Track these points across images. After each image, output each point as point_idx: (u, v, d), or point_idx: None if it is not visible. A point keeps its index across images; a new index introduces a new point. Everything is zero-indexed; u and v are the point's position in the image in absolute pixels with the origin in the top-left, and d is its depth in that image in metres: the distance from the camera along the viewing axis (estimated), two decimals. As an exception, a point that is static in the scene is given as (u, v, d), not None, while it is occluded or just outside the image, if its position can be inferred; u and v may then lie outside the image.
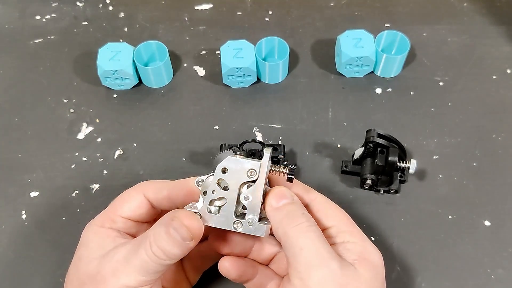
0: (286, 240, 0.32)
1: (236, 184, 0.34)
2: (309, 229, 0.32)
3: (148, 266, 0.31)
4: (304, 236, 0.32)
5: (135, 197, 0.36)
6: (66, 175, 0.47)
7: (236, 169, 0.33)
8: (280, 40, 0.52)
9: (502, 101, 0.51)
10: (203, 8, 0.60)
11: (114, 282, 0.31)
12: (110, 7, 0.60)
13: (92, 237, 0.35)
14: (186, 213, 0.32)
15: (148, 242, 0.31)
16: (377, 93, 0.52)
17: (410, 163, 0.43)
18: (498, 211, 0.44)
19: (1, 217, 0.45)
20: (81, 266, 0.33)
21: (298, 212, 0.33)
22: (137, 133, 0.50)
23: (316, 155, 0.48)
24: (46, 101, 0.52)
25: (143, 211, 0.36)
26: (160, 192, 0.36)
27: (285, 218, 0.33)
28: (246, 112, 0.51)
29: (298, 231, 0.32)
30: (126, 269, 0.31)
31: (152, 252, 0.31)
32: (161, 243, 0.31)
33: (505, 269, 0.41)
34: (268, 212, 0.34)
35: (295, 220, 0.33)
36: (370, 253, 0.34)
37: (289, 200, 0.34)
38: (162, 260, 0.31)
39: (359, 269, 0.32)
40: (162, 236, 0.31)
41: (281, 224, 0.33)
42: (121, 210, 0.35)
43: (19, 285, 0.42)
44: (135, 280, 0.31)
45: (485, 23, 0.57)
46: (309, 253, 0.31)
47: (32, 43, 0.57)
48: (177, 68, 0.55)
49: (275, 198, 0.34)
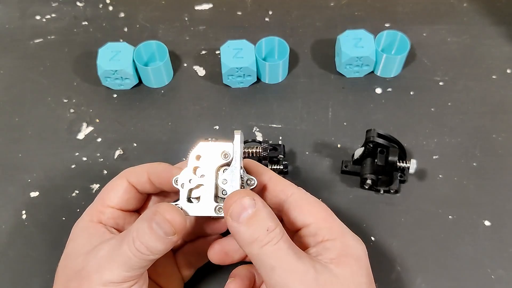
0: (256, 260, 0.31)
1: (212, 169, 0.33)
2: (276, 246, 0.30)
3: (132, 261, 0.31)
4: (273, 255, 0.30)
5: (119, 184, 0.36)
6: (66, 175, 0.47)
7: (210, 154, 0.33)
8: (280, 40, 0.53)
9: (502, 101, 0.51)
10: (203, 8, 0.60)
11: (97, 278, 0.31)
12: (110, 7, 0.61)
13: (80, 233, 0.35)
14: (168, 207, 0.31)
15: (131, 238, 0.31)
16: (377, 93, 0.52)
17: (410, 163, 0.43)
18: (498, 211, 0.44)
19: (1, 217, 0.45)
20: (68, 262, 0.33)
21: (262, 228, 0.30)
22: (137, 133, 0.50)
23: (316, 155, 0.48)
24: (46, 101, 0.52)
25: (130, 196, 0.36)
26: (142, 176, 0.35)
27: (250, 237, 0.30)
28: (246, 112, 0.51)
29: (266, 251, 0.30)
30: (110, 265, 0.31)
31: (135, 248, 0.30)
32: (144, 238, 0.30)
33: (505, 269, 0.41)
34: (231, 228, 0.31)
35: (261, 240, 0.30)
36: (350, 247, 0.33)
37: (250, 210, 0.30)
38: (146, 255, 0.31)
39: (336, 269, 0.31)
40: (145, 231, 0.30)
41: (248, 245, 0.30)
42: (108, 199, 0.35)
43: (19, 285, 0.42)
44: (119, 275, 0.31)
45: (485, 23, 0.57)
46: (281, 271, 0.30)
47: (32, 43, 0.57)
48: (177, 68, 0.55)
49: (236, 213, 0.30)
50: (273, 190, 0.35)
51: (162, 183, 0.35)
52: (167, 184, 0.35)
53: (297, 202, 0.34)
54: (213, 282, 0.41)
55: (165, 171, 0.35)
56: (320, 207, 0.34)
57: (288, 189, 0.35)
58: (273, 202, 0.35)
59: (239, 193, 0.31)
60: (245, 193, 0.31)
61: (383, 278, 0.41)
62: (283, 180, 0.35)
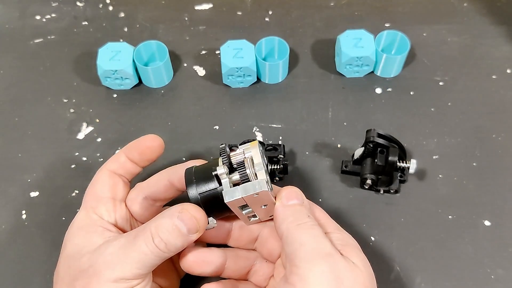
0: (288, 235, 0.33)
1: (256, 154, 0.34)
2: (312, 227, 0.33)
3: (147, 258, 0.31)
4: (306, 232, 0.32)
5: (101, 175, 0.38)
6: (66, 175, 0.47)
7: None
8: (280, 40, 0.53)
9: (502, 101, 0.51)
10: (203, 8, 0.60)
11: (108, 274, 0.31)
12: (110, 7, 0.61)
13: (77, 232, 0.35)
14: (192, 206, 0.33)
15: (149, 234, 0.31)
16: (377, 93, 0.52)
17: (410, 163, 0.43)
18: (498, 211, 0.44)
19: (1, 217, 0.45)
20: (72, 262, 0.33)
21: (304, 213, 0.34)
22: (137, 133, 0.50)
23: (316, 155, 0.48)
24: (46, 101, 0.52)
25: (115, 180, 0.37)
26: (118, 159, 0.38)
27: (291, 215, 0.33)
28: (246, 112, 0.51)
29: (301, 228, 0.33)
30: (122, 261, 0.31)
31: (155, 244, 0.31)
32: (165, 234, 0.31)
33: (505, 269, 0.41)
34: (277, 207, 0.34)
35: (300, 219, 0.33)
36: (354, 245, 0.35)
37: (299, 201, 0.35)
38: (162, 252, 0.32)
39: (355, 261, 0.32)
40: (166, 228, 0.32)
41: (286, 220, 0.33)
42: (97, 191, 0.37)
43: (19, 285, 0.42)
44: (131, 272, 0.31)
45: (485, 23, 0.57)
46: (310, 247, 0.31)
47: (32, 43, 0.57)
48: (177, 68, 0.55)
49: (287, 196, 0.35)
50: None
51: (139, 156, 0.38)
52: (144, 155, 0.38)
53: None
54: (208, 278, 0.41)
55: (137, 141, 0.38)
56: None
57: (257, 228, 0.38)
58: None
59: (294, 188, 0.35)
60: (299, 191, 0.35)
61: (382, 278, 0.41)
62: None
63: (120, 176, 0.38)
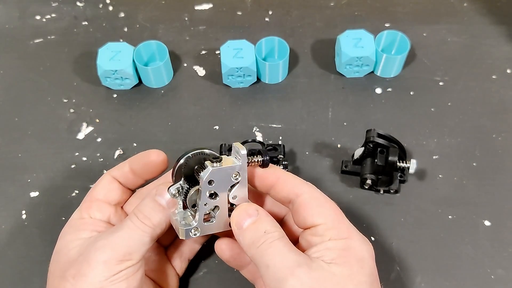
0: (254, 261, 0.33)
1: (224, 190, 0.34)
2: (271, 245, 0.32)
3: (135, 235, 0.33)
4: (267, 253, 0.32)
5: (103, 179, 0.38)
6: (66, 175, 0.47)
7: (221, 177, 0.34)
8: (280, 40, 0.53)
9: (502, 101, 0.51)
10: (203, 8, 0.60)
11: (98, 256, 0.32)
12: (110, 7, 0.61)
13: (68, 230, 0.36)
14: (165, 185, 0.35)
15: (131, 216, 0.34)
16: (377, 93, 0.52)
17: (410, 163, 0.43)
18: (498, 211, 0.44)
19: (1, 217, 0.45)
20: (61, 257, 0.34)
21: (260, 231, 0.33)
22: (137, 133, 0.50)
23: (316, 155, 0.48)
24: (46, 101, 0.52)
25: (113, 186, 0.38)
26: (123, 166, 0.38)
27: (249, 239, 0.33)
28: (246, 112, 0.51)
29: (261, 250, 0.32)
30: (112, 242, 0.33)
31: (140, 221, 0.33)
32: (147, 209, 0.34)
33: (505, 269, 0.41)
34: (235, 235, 0.34)
35: (258, 241, 0.32)
36: (353, 249, 0.33)
37: (253, 218, 0.34)
38: (148, 227, 0.33)
39: (335, 268, 0.31)
40: (148, 205, 0.34)
41: (248, 247, 0.33)
42: (95, 193, 0.38)
43: (19, 285, 0.42)
44: (121, 251, 0.32)
45: (485, 23, 0.57)
46: (275, 269, 0.31)
47: (32, 43, 0.57)
48: (177, 68, 0.55)
49: (238, 221, 0.34)
50: (281, 190, 0.35)
51: (142, 169, 0.38)
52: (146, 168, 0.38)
53: (307, 203, 0.34)
54: (208, 275, 0.42)
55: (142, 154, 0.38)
56: (330, 209, 0.34)
57: (298, 188, 0.35)
58: (282, 201, 0.36)
59: (244, 205, 0.35)
60: (249, 205, 0.35)
61: (382, 278, 0.41)
62: (292, 179, 0.36)
63: (121, 183, 0.38)
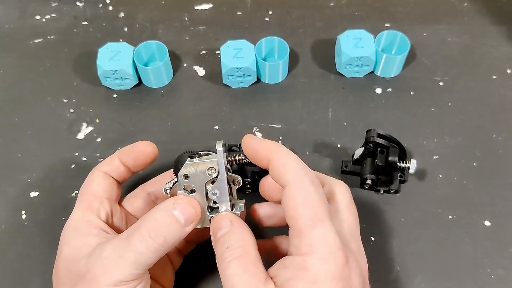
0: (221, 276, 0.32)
1: (201, 185, 0.34)
2: (228, 264, 0.31)
3: (142, 257, 0.31)
4: (224, 273, 0.31)
5: (96, 176, 0.38)
6: (66, 175, 0.47)
7: (197, 172, 0.34)
8: (280, 40, 0.53)
9: (502, 101, 0.51)
10: (203, 8, 0.60)
11: (107, 279, 0.31)
12: (110, 7, 0.61)
13: (72, 234, 0.35)
14: (186, 197, 0.34)
15: (143, 231, 0.31)
16: (377, 93, 0.52)
17: (410, 163, 0.43)
18: (498, 211, 0.44)
19: (1, 217, 0.45)
20: (71, 267, 0.33)
21: (224, 246, 0.32)
22: (137, 133, 0.50)
23: (316, 155, 0.48)
24: (46, 101, 0.52)
25: (109, 182, 0.38)
26: (113, 159, 0.38)
27: (217, 254, 0.32)
28: (246, 112, 0.51)
29: (221, 269, 0.31)
30: (118, 264, 0.31)
31: (152, 240, 0.31)
32: (162, 227, 0.32)
33: (505, 269, 0.41)
34: (213, 245, 0.33)
35: (221, 257, 0.32)
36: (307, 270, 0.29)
37: (223, 230, 0.33)
38: (160, 247, 0.31)
39: None
40: (163, 221, 0.32)
41: (216, 260, 0.32)
42: (92, 190, 0.37)
43: (19, 284, 0.42)
44: (129, 274, 0.31)
45: (485, 23, 0.57)
46: None
47: (32, 43, 0.57)
48: (177, 68, 0.55)
49: (214, 231, 0.34)
50: (273, 175, 0.33)
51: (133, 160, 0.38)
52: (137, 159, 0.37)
53: (290, 197, 0.31)
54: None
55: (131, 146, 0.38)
56: (309, 208, 0.31)
57: (285, 178, 0.32)
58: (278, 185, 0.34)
59: (221, 215, 0.34)
60: (225, 216, 0.34)
61: (382, 278, 0.41)
62: (284, 166, 0.32)
63: (113, 178, 0.38)
